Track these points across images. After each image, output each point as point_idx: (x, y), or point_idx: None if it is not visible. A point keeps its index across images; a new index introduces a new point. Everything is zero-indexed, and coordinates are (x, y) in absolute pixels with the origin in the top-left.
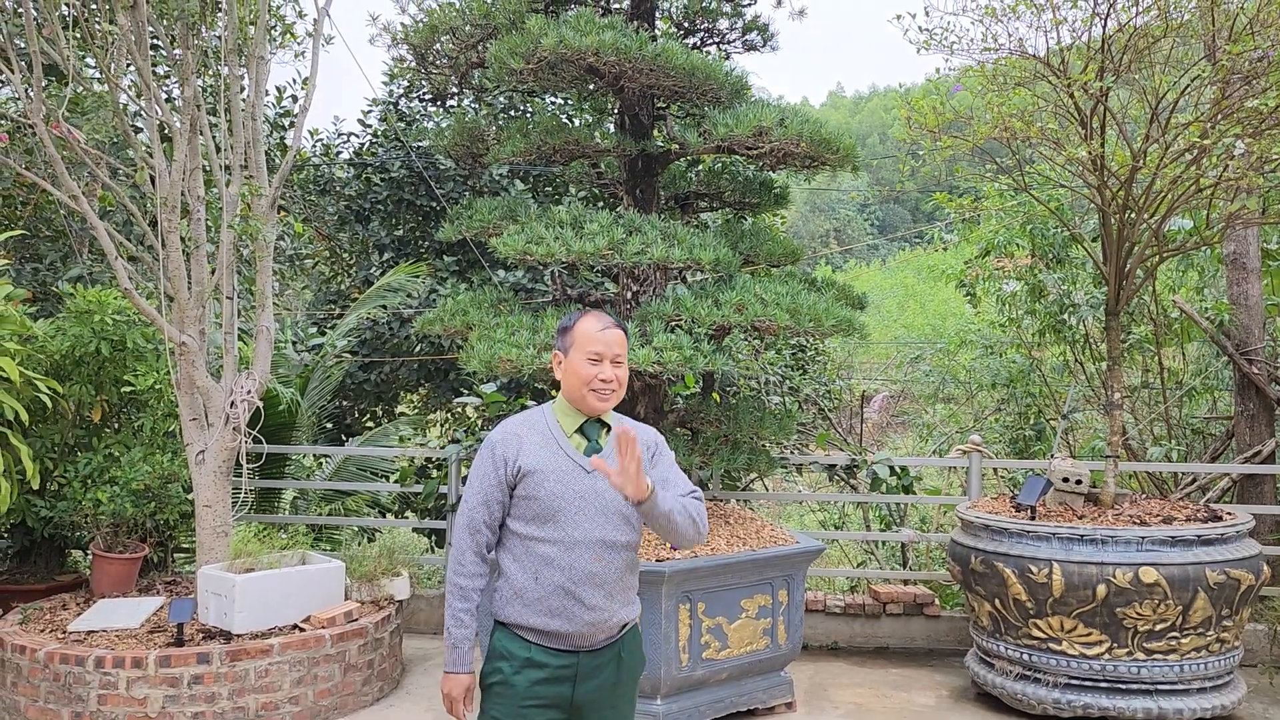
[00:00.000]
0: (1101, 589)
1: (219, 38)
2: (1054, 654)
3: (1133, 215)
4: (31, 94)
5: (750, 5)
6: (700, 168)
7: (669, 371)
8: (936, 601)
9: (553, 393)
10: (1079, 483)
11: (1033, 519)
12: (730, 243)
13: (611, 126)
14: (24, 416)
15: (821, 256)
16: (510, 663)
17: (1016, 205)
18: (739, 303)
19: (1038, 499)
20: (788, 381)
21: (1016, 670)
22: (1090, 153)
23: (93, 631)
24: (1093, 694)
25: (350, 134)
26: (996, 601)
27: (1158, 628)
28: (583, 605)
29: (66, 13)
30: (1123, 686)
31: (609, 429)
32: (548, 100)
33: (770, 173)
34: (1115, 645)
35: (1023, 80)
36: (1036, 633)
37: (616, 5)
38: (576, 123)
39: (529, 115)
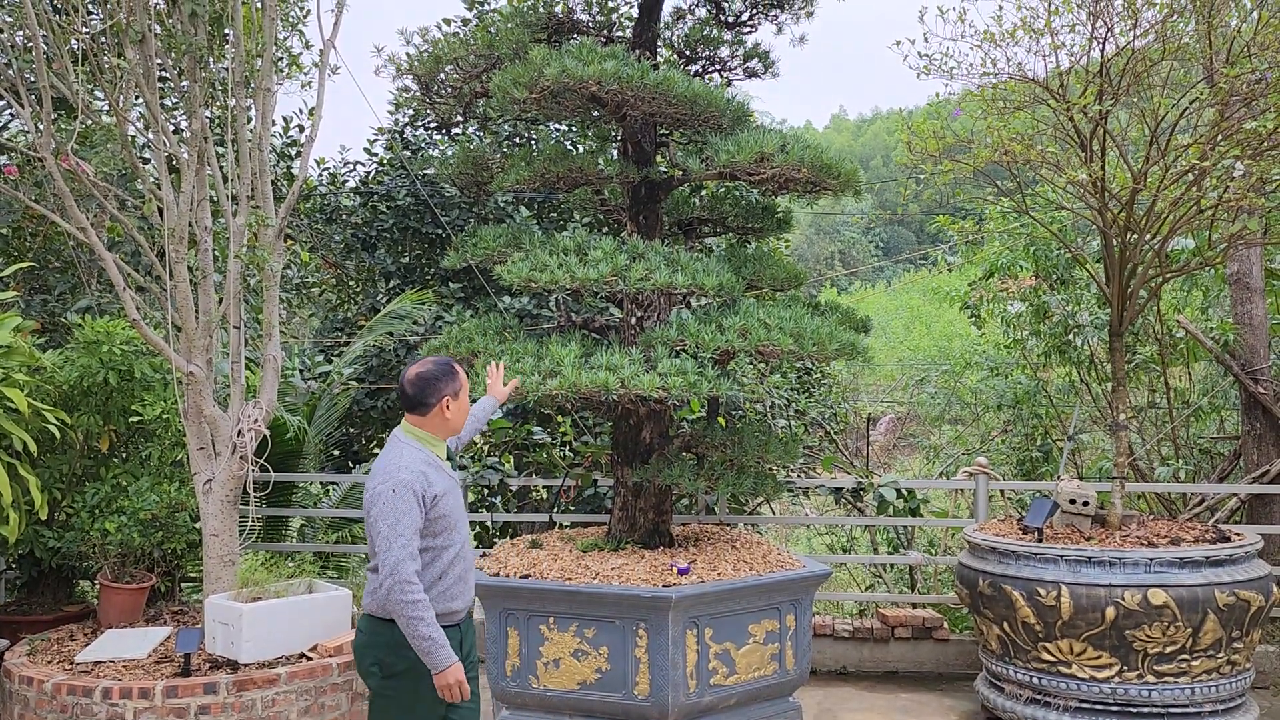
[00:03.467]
0: (1110, 611)
1: (226, 70)
2: (1064, 677)
3: (1134, 236)
4: (41, 127)
5: (751, 33)
6: (704, 193)
7: (673, 397)
8: (945, 625)
9: (414, 429)
10: (1086, 504)
11: (1040, 541)
12: (734, 267)
13: (615, 153)
14: (32, 447)
15: (827, 279)
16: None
17: (1019, 227)
18: (742, 327)
19: (1045, 521)
20: (793, 405)
21: (1026, 694)
22: (1091, 175)
23: (100, 662)
24: (1104, 718)
25: (356, 163)
26: (1005, 624)
27: (1168, 650)
28: (468, 587)
29: (76, 47)
30: (1134, 710)
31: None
32: (551, 128)
33: (773, 198)
34: (1125, 668)
35: (1022, 104)
36: (1046, 656)
37: (619, 34)
38: (580, 150)
39: (533, 143)
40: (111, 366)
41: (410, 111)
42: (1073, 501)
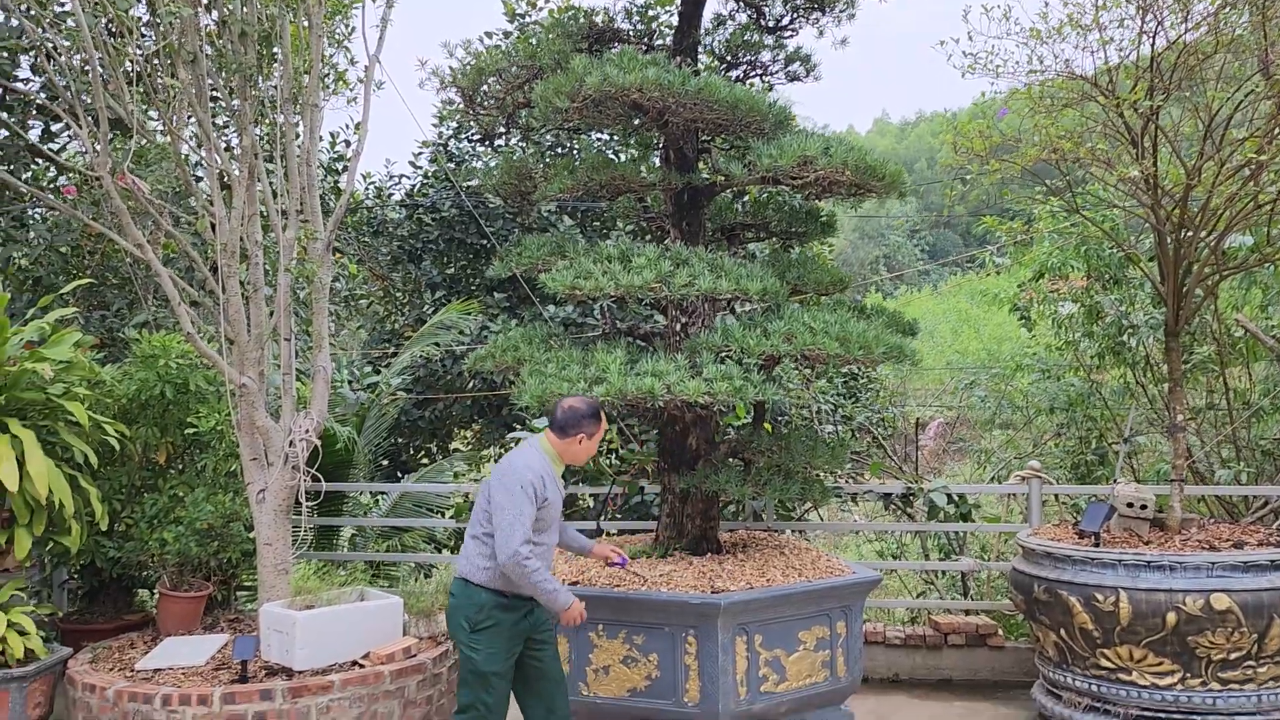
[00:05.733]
0: (1171, 617)
1: (275, 88)
2: (1124, 684)
3: (1189, 233)
4: (98, 148)
5: (792, 36)
6: (746, 199)
7: (719, 402)
8: (1000, 632)
9: (549, 445)
10: (1144, 508)
11: (1097, 545)
12: (778, 272)
13: (657, 161)
14: (93, 459)
15: (871, 284)
16: (501, 609)
17: (1070, 227)
18: (788, 332)
19: (1101, 525)
20: (840, 410)
21: (1085, 702)
22: (1143, 171)
23: (159, 669)
24: None
25: (401, 176)
26: (1062, 631)
27: (1232, 656)
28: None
29: (130, 69)
30: (1197, 718)
31: None
32: (593, 137)
33: (817, 202)
34: (1188, 675)
35: (1070, 101)
36: (1105, 663)
37: (659, 43)
38: (622, 158)
39: (575, 152)
40: (168, 380)
41: (454, 124)
42: (1130, 505)
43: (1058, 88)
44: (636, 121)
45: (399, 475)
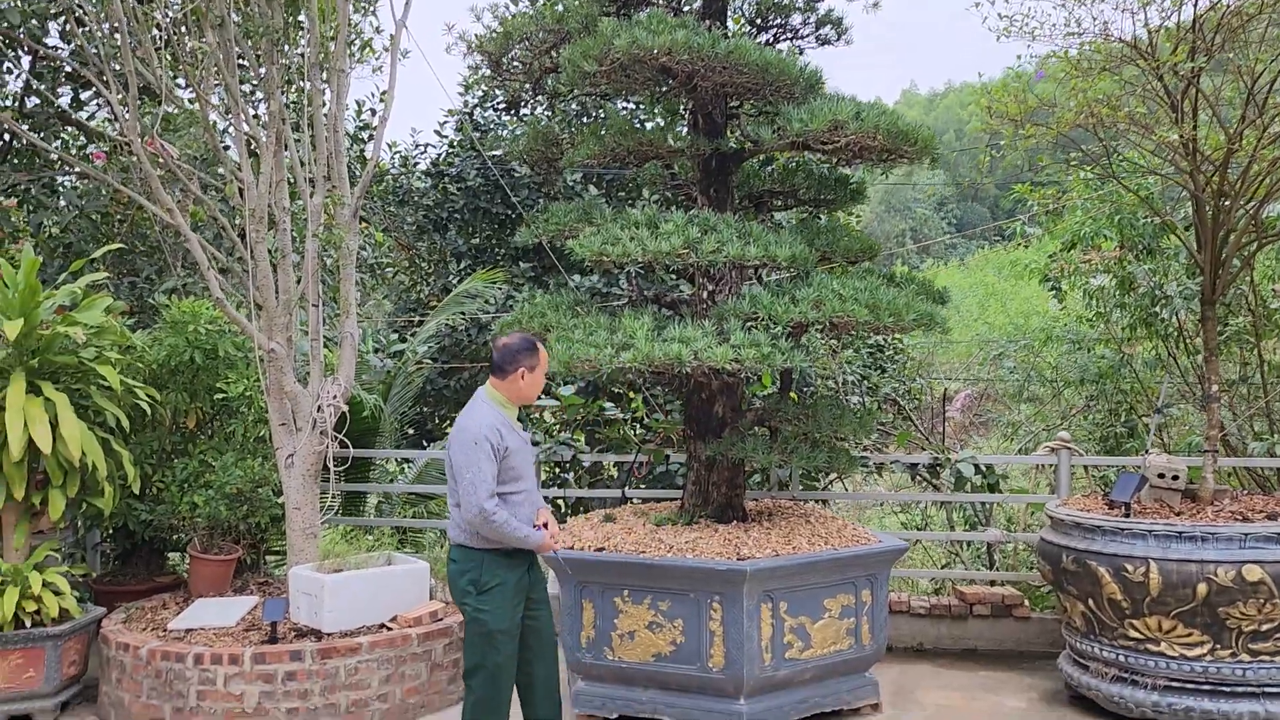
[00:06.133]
0: (1202, 588)
1: (301, 55)
2: (1152, 655)
3: (1228, 201)
4: (127, 114)
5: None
6: (774, 166)
7: (746, 369)
8: (1026, 603)
9: (493, 391)
10: (1175, 478)
11: (1127, 516)
12: (806, 239)
13: (684, 129)
14: (125, 423)
15: (898, 257)
16: (505, 569)
17: (1103, 195)
18: (816, 299)
19: (1132, 495)
20: (865, 381)
21: (1112, 672)
22: (1183, 136)
23: (191, 630)
24: (1194, 696)
25: (427, 145)
26: (1090, 601)
27: (1264, 628)
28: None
29: (158, 35)
30: (1226, 689)
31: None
32: (619, 106)
33: (846, 168)
34: (1218, 646)
35: (1108, 65)
36: (1133, 633)
37: (688, 6)
38: (649, 127)
39: (601, 120)
40: (197, 346)
41: (480, 92)
42: (1161, 476)
43: (1095, 51)
44: (664, 87)
45: (425, 444)
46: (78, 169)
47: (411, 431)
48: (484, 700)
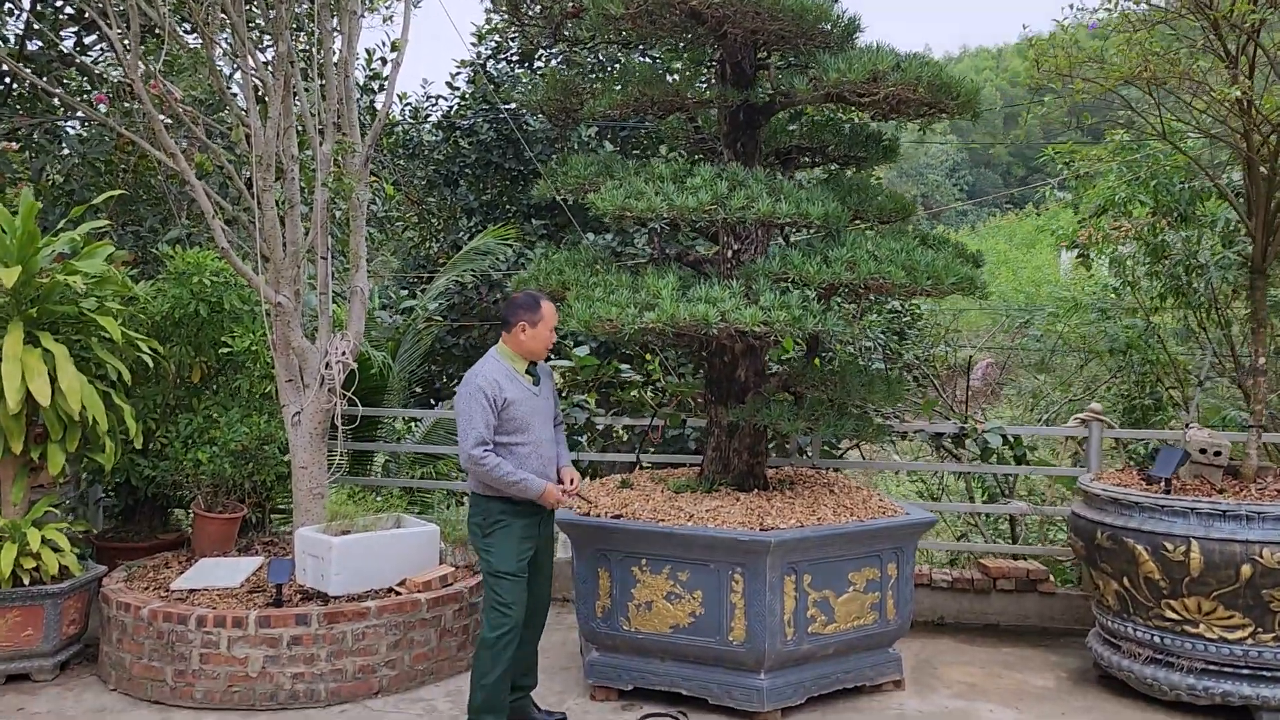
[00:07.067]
0: (1246, 569)
1: None
2: (1190, 637)
3: None
4: (129, 54)
5: None
6: (802, 121)
7: (776, 332)
8: (1051, 578)
9: (501, 345)
10: (1218, 454)
11: (1168, 492)
12: (838, 196)
13: (704, 86)
14: (126, 376)
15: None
16: (508, 513)
17: (1136, 161)
18: (850, 259)
19: (1173, 471)
20: (885, 347)
21: (1146, 653)
22: (1244, 93)
23: (194, 590)
24: (1233, 681)
25: (439, 97)
26: (1125, 580)
27: None
28: (546, 478)
29: None
30: (1267, 674)
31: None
32: (638, 61)
33: (881, 123)
34: (1260, 630)
35: (1164, 18)
36: (1170, 614)
37: None
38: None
39: (621, 73)
40: (202, 298)
41: (493, 44)
42: (1203, 451)
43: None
44: (691, 34)
45: (433, 403)
46: (80, 113)
47: (420, 390)
48: (485, 641)
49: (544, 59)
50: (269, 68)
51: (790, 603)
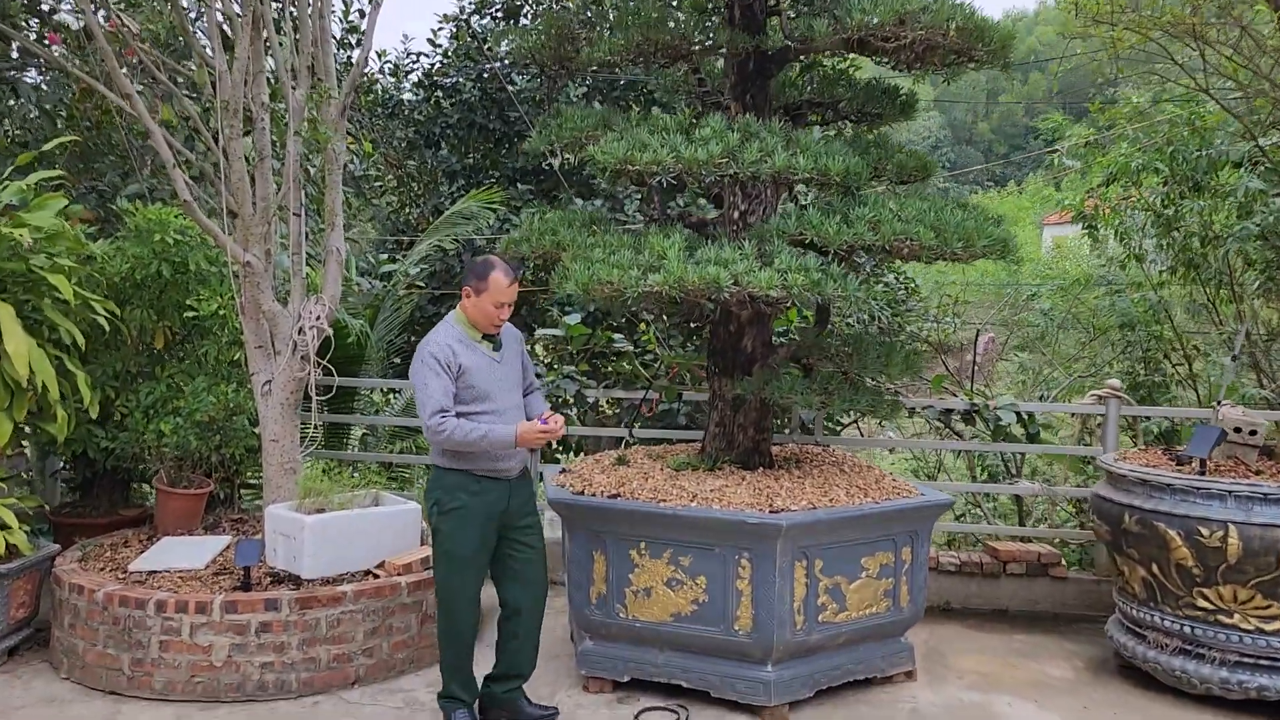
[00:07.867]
0: None
1: None
2: (1223, 628)
3: None
4: None
5: None
6: (813, 74)
7: (794, 297)
8: (1063, 562)
9: (457, 309)
10: (1254, 433)
11: (1203, 473)
12: (858, 152)
13: (710, 32)
14: (80, 341)
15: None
16: (467, 493)
17: (1157, 123)
18: (873, 219)
19: (1209, 451)
20: (880, 318)
21: (1175, 644)
22: None
23: (155, 572)
24: (1270, 675)
25: (420, 54)
26: (1154, 566)
27: None
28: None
29: None
30: None
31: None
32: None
33: (905, 71)
34: None
35: None
36: (1202, 603)
37: None
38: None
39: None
40: (165, 258)
41: None
42: (1238, 430)
43: None
44: None
45: None
46: (38, 57)
47: (399, 360)
48: (440, 628)
49: (529, 16)
50: (236, 3)
51: (800, 590)
